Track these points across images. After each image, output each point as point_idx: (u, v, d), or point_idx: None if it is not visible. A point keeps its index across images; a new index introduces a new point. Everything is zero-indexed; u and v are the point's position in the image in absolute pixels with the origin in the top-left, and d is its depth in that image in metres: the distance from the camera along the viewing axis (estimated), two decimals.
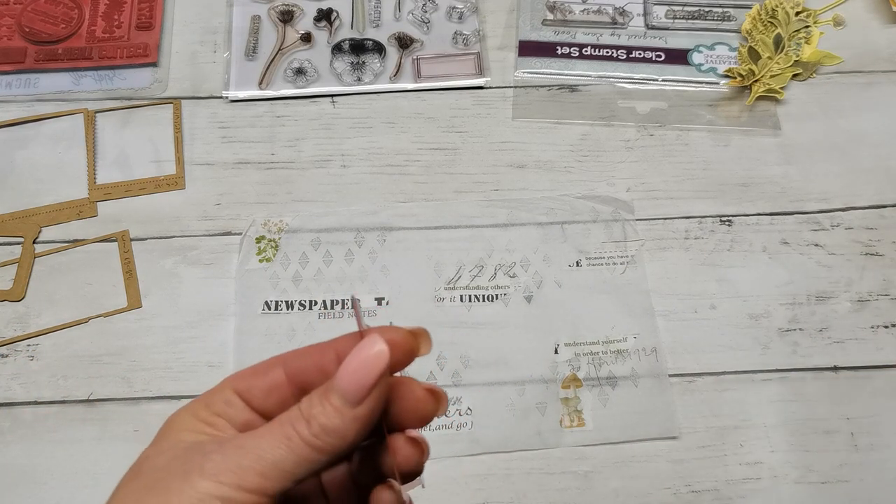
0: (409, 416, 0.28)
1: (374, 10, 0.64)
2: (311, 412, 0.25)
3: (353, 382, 0.25)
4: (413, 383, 0.28)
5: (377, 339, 0.25)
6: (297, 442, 0.25)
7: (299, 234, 0.55)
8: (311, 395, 0.26)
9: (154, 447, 0.27)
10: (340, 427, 0.25)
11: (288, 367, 0.28)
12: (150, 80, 0.61)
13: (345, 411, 0.25)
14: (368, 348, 0.25)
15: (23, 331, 0.52)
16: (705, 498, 0.48)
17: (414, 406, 0.27)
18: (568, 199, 0.56)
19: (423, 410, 0.28)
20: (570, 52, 0.62)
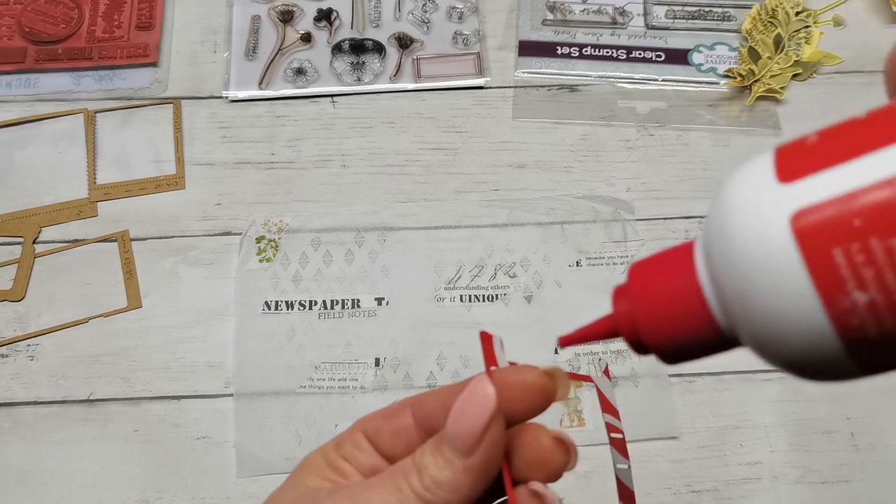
0: (533, 468, 0.24)
1: (374, 10, 0.64)
2: (423, 462, 0.23)
3: (461, 430, 0.23)
4: (539, 431, 0.24)
5: (483, 381, 0.23)
6: (408, 494, 0.23)
7: (299, 234, 0.55)
8: (425, 444, 0.24)
9: (282, 488, 0.26)
10: (452, 480, 0.23)
11: (416, 410, 0.26)
12: (150, 80, 0.61)
13: (456, 462, 0.23)
14: (474, 392, 0.23)
15: (23, 331, 0.52)
16: (705, 498, 0.48)
17: (538, 457, 0.24)
18: (568, 199, 0.56)
19: (550, 462, 0.24)
20: (570, 52, 0.62)
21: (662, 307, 0.20)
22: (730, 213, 0.18)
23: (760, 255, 0.17)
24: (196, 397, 0.50)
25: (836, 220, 0.16)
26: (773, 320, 0.17)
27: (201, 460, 0.49)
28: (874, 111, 0.17)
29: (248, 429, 0.49)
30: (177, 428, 0.49)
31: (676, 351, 0.21)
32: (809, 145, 0.18)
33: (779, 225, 0.17)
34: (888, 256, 0.16)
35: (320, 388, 0.50)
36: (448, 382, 0.50)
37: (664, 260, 0.21)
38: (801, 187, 0.17)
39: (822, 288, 0.16)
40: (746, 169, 0.18)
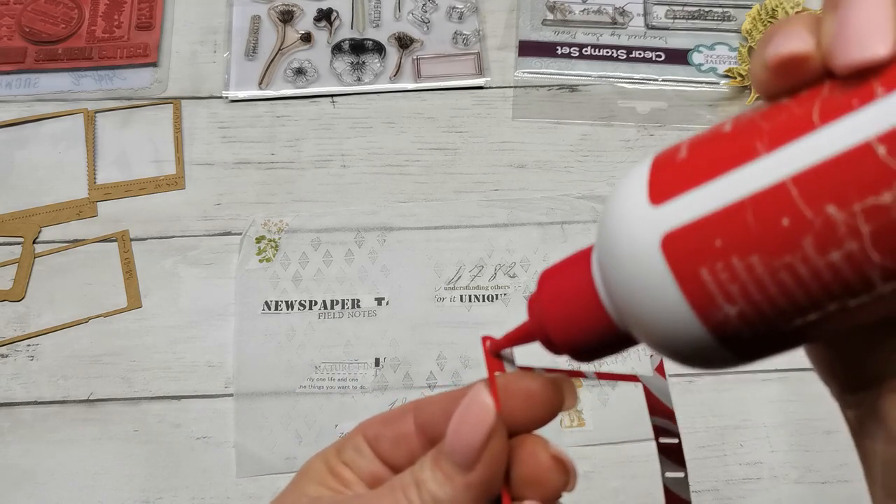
0: (530, 486, 0.22)
1: (374, 10, 0.64)
2: (422, 477, 0.22)
3: (460, 444, 0.21)
4: (538, 446, 0.23)
5: (481, 392, 0.22)
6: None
7: (299, 234, 0.55)
8: (424, 458, 0.23)
9: (282, 495, 0.25)
10: (452, 497, 0.21)
11: (418, 416, 0.25)
12: (150, 80, 0.61)
13: (455, 478, 0.21)
14: (472, 403, 0.22)
15: (23, 331, 0.52)
16: (705, 498, 0.48)
17: (535, 475, 0.22)
18: (568, 199, 0.56)
19: (547, 482, 0.22)
20: (570, 52, 0.62)
21: (565, 311, 0.22)
22: (611, 231, 0.19)
23: (638, 275, 0.19)
24: (196, 397, 0.50)
25: (700, 243, 0.17)
26: (657, 328, 0.19)
27: (201, 460, 0.49)
28: (737, 122, 0.18)
29: (248, 429, 0.49)
30: (177, 428, 0.49)
31: (583, 349, 0.22)
32: (679, 162, 0.19)
33: (651, 248, 0.18)
34: (749, 273, 0.17)
35: (320, 388, 0.50)
36: (448, 383, 0.50)
37: (566, 267, 0.22)
38: (669, 209, 0.18)
39: (695, 303, 0.18)
40: (625, 185, 0.20)
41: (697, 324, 0.18)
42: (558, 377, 0.23)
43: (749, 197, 0.17)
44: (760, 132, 0.17)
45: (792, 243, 0.16)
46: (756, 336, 0.18)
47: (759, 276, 0.17)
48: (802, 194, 0.16)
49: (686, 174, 0.18)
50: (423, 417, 0.25)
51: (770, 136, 0.17)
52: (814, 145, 0.16)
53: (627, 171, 0.20)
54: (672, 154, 0.19)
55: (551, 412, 0.23)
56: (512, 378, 0.23)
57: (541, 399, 0.23)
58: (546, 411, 0.23)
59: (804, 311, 0.17)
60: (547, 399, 0.23)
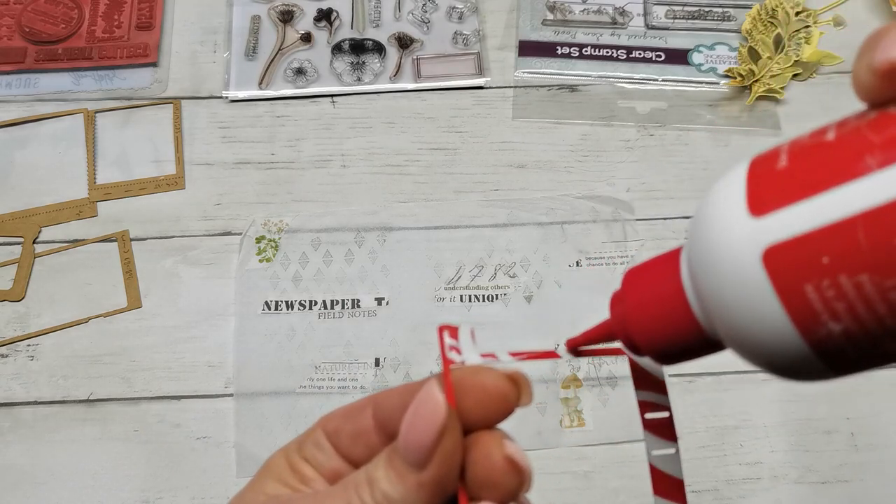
0: (484, 487, 0.21)
1: (374, 10, 0.64)
2: (375, 476, 0.21)
3: (411, 442, 0.21)
4: (492, 446, 0.21)
5: (433, 388, 0.21)
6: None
7: (299, 234, 0.55)
8: (379, 455, 0.22)
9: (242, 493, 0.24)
10: (405, 496, 0.21)
11: (376, 410, 0.24)
12: (150, 80, 0.61)
13: (408, 477, 0.21)
14: (424, 400, 0.21)
15: (23, 331, 0.52)
16: (705, 498, 0.48)
17: (488, 477, 0.21)
18: (568, 199, 0.56)
19: (500, 484, 0.21)
20: (570, 52, 0.62)
21: (652, 314, 0.21)
22: (707, 240, 0.19)
23: (736, 287, 0.18)
24: (196, 397, 0.50)
25: (806, 258, 0.17)
26: (754, 340, 0.18)
27: (201, 460, 0.49)
28: (842, 131, 0.18)
29: (248, 429, 0.49)
30: (177, 428, 0.49)
31: (667, 353, 0.22)
32: (781, 171, 0.18)
33: (752, 261, 0.18)
34: (857, 291, 0.16)
35: (320, 389, 0.50)
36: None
37: (654, 268, 0.22)
38: (771, 222, 0.18)
39: (797, 320, 0.17)
40: (721, 193, 0.19)
41: (798, 339, 0.18)
42: (514, 373, 0.22)
43: (861, 214, 0.16)
44: (871, 145, 0.16)
45: None
46: (859, 354, 0.17)
47: (869, 295, 0.16)
48: None
49: (789, 186, 0.17)
50: (382, 412, 0.24)
51: (882, 150, 0.16)
52: None
53: (722, 176, 0.19)
54: (771, 161, 0.18)
55: (507, 408, 0.22)
56: (467, 373, 0.22)
57: (496, 395, 0.21)
58: (502, 407, 0.22)
59: None
60: (502, 395, 0.22)
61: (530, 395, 0.22)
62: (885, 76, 0.16)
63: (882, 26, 0.17)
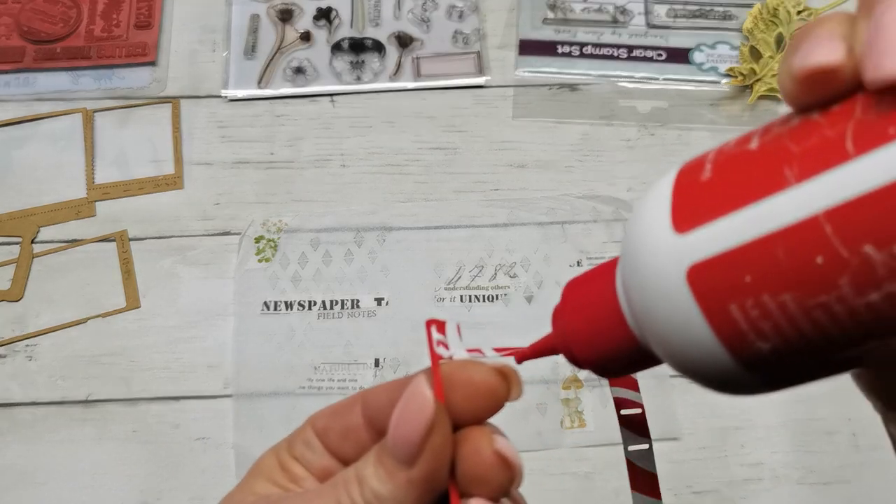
0: (474, 483, 0.21)
1: (373, 8, 0.64)
2: (364, 473, 0.21)
3: (400, 438, 0.20)
4: (482, 441, 0.21)
5: (421, 383, 0.21)
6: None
7: (298, 234, 0.55)
8: (369, 453, 0.22)
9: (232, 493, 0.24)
10: (394, 494, 0.20)
11: (365, 407, 0.24)
12: (149, 79, 0.60)
13: (398, 474, 0.20)
14: (412, 395, 0.21)
15: (21, 331, 0.52)
16: (707, 499, 0.48)
17: (478, 472, 0.21)
18: (568, 198, 0.56)
19: (490, 480, 0.21)
20: (571, 51, 0.61)
21: (589, 329, 0.21)
22: (634, 257, 0.19)
23: (664, 305, 0.18)
24: (195, 398, 0.50)
25: (729, 277, 0.17)
26: (684, 357, 0.18)
27: (200, 461, 0.48)
28: (765, 139, 0.17)
29: (247, 429, 0.49)
30: (176, 428, 0.49)
31: (607, 367, 0.22)
32: (703, 185, 0.18)
33: (677, 279, 0.17)
34: (781, 311, 0.16)
35: (320, 389, 0.50)
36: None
37: (591, 281, 0.22)
38: (694, 239, 0.17)
39: (725, 339, 0.17)
40: (648, 207, 0.19)
41: (727, 357, 0.17)
42: (504, 367, 0.22)
43: (779, 231, 0.16)
44: (790, 157, 0.16)
45: (827, 283, 0.15)
46: (790, 370, 0.17)
47: (793, 314, 0.16)
48: (837, 232, 0.15)
49: (711, 201, 0.17)
50: (371, 408, 0.23)
51: (800, 163, 0.16)
52: (847, 179, 0.15)
53: (650, 187, 0.19)
54: (696, 172, 0.18)
55: (497, 403, 0.22)
56: (456, 368, 0.22)
57: (485, 389, 0.21)
58: (491, 402, 0.21)
59: (841, 348, 0.16)
60: (491, 389, 0.21)
61: (520, 389, 0.22)
62: (804, 83, 0.16)
63: (805, 25, 0.17)
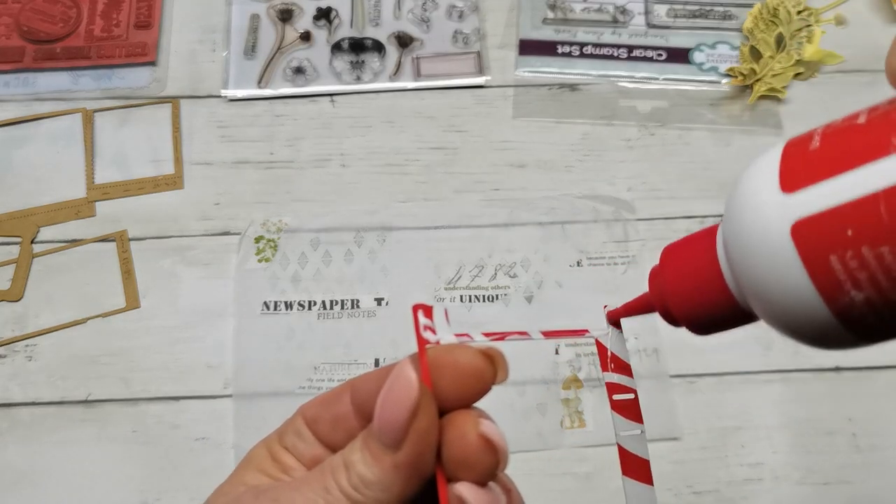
0: (460, 467, 0.21)
1: (373, 8, 0.64)
2: (351, 459, 0.21)
3: (385, 422, 0.20)
4: (466, 425, 0.21)
5: (406, 366, 0.20)
6: (336, 495, 0.21)
7: (298, 234, 0.55)
8: (356, 439, 0.22)
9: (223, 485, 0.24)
10: (381, 478, 0.20)
11: (354, 395, 0.23)
12: (149, 79, 0.60)
13: (384, 458, 0.20)
14: (397, 378, 0.20)
15: (21, 331, 0.52)
16: (707, 499, 0.48)
17: (463, 456, 0.21)
18: (569, 198, 0.56)
19: (475, 464, 0.21)
20: (571, 50, 0.61)
21: (688, 286, 0.23)
22: (740, 214, 0.20)
23: (767, 259, 0.19)
24: (195, 398, 0.50)
25: (831, 231, 0.18)
26: (782, 310, 0.20)
27: (200, 461, 0.48)
28: (873, 115, 0.19)
29: (247, 430, 0.49)
30: (175, 429, 0.49)
31: (703, 324, 0.23)
32: (812, 152, 0.19)
33: (781, 234, 0.19)
34: (878, 261, 0.18)
35: (319, 389, 0.50)
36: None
37: (691, 243, 0.23)
38: (801, 198, 0.19)
39: (823, 289, 0.19)
40: (756, 170, 0.20)
41: (824, 308, 0.19)
42: (490, 350, 0.22)
43: (883, 191, 0.17)
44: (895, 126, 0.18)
45: None
46: (881, 321, 0.19)
47: (890, 265, 0.17)
48: None
49: (819, 164, 0.19)
50: (359, 396, 0.23)
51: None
52: None
53: (758, 156, 0.21)
54: (804, 143, 0.20)
55: (483, 386, 0.22)
56: (442, 352, 0.22)
57: (471, 373, 0.21)
58: (477, 385, 0.21)
59: None
60: (478, 372, 0.21)
61: (506, 371, 0.22)
62: None
63: None
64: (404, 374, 0.20)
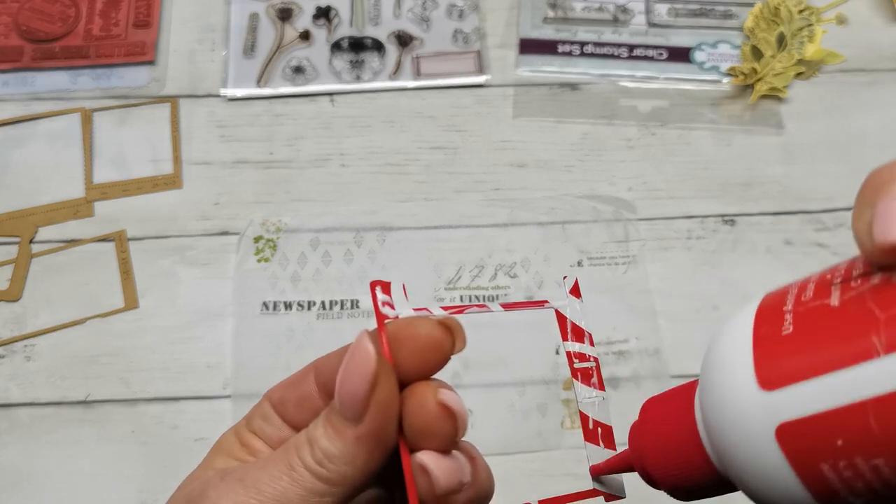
0: (422, 436, 0.21)
1: (373, 7, 0.64)
2: (314, 435, 0.21)
3: (345, 395, 0.20)
4: (425, 394, 0.21)
5: (363, 339, 0.21)
6: (301, 471, 0.21)
7: (298, 234, 0.54)
8: (319, 417, 0.22)
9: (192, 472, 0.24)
10: (344, 451, 0.21)
11: (317, 375, 0.24)
12: (148, 78, 0.60)
13: (346, 432, 0.21)
14: (355, 351, 0.21)
15: (19, 331, 0.52)
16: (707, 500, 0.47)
17: (423, 424, 0.21)
18: (569, 198, 0.56)
19: (436, 431, 0.21)
20: (572, 50, 0.61)
21: (668, 454, 0.22)
22: (718, 406, 0.19)
23: (752, 456, 0.18)
24: (194, 398, 0.50)
25: (820, 439, 0.17)
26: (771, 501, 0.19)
27: (199, 462, 0.48)
28: (846, 296, 0.17)
29: None
30: (174, 429, 0.49)
31: (685, 491, 0.22)
32: (787, 341, 0.18)
33: (765, 435, 0.18)
34: (874, 473, 0.17)
35: None
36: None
37: (669, 404, 0.22)
38: (782, 398, 0.18)
39: (815, 493, 0.18)
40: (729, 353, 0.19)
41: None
42: (447, 319, 0.22)
43: (871, 399, 0.16)
44: (876, 323, 0.16)
45: None
46: None
47: (886, 476, 0.16)
48: None
49: (797, 361, 0.18)
50: (323, 375, 0.24)
51: (887, 334, 0.16)
52: None
53: (725, 326, 0.20)
54: (775, 324, 0.18)
55: (442, 356, 0.22)
56: (401, 325, 0.22)
57: (430, 343, 0.22)
58: (436, 355, 0.22)
59: None
60: (436, 343, 0.22)
61: (464, 340, 0.22)
62: (887, 254, 0.16)
63: (877, 173, 0.17)
64: (362, 347, 0.20)
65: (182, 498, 0.23)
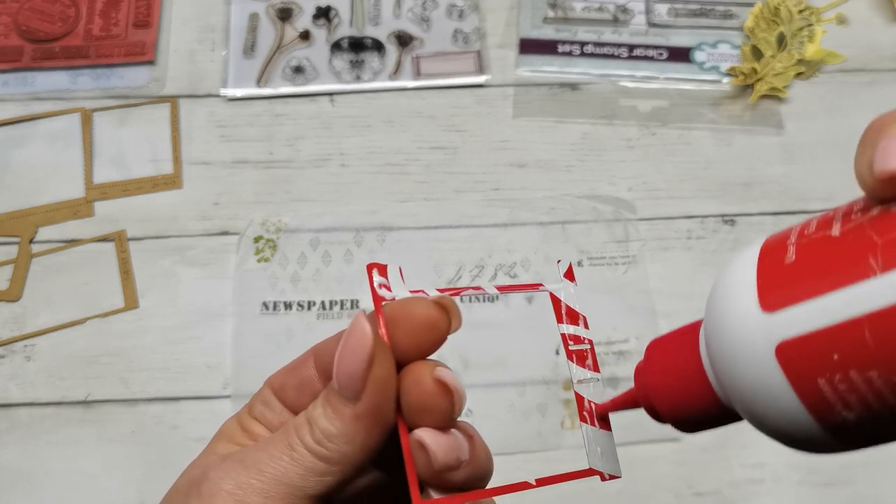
0: (419, 413, 0.22)
1: (373, 7, 0.64)
2: (313, 415, 0.22)
3: (343, 374, 0.21)
4: (422, 372, 0.22)
5: (360, 319, 0.21)
6: (301, 451, 0.21)
7: (298, 234, 0.54)
8: (318, 398, 0.22)
9: (194, 460, 0.24)
10: (343, 430, 0.21)
11: (317, 359, 0.24)
12: (148, 78, 0.60)
13: (344, 411, 0.21)
14: (352, 331, 0.21)
15: (19, 331, 0.52)
16: (708, 500, 0.47)
17: (421, 402, 0.22)
18: (569, 198, 0.56)
19: (433, 408, 0.22)
20: (572, 50, 0.61)
21: (673, 387, 0.23)
22: (721, 331, 0.20)
23: (753, 377, 0.19)
24: (194, 398, 0.50)
25: (817, 354, 0.18)
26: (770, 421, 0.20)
27: None
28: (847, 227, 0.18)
29: None
30: (174, 429, 0.49)
31: (689, 422, 0.23)
32: (789, 268, 0.19)
33: (765, 354, 0.19)
34: (868, 385, 0.17)
35: None
36: None
37: (675, 341, 0.23)
38: (782, 319, 0.19)
39: (812, 408, 0.18)
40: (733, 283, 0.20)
41: (814, 424, 0.19)
42: (442, 299, 0.22)
43: (866, 315, 0.17)
44: (874, 247, 0.17)
45: None
46: (871, 435, 0.19)
47: (879, 389, 0.17)
48: None
49: (797, 284, 0.18)
50: (322, 359, 0.24)
51: (884, 253, 0.17)
52: None
53: (730, 263, 0.21)
54: (779, 254, 0.19)
55: (438, 336, 0.22)
56: (398, 305, 0.22)
57: (426, 323, 0.22)
58: (433, 334, 0.22)
59: None
60: (432, 322, 0.22)
61: (459, 319, 0.22)
62: (887, 183, 0.17)
63: (879, 119, 0.18)
64: (359, 326, 0.21)
65: (184, 482, 0.23)
